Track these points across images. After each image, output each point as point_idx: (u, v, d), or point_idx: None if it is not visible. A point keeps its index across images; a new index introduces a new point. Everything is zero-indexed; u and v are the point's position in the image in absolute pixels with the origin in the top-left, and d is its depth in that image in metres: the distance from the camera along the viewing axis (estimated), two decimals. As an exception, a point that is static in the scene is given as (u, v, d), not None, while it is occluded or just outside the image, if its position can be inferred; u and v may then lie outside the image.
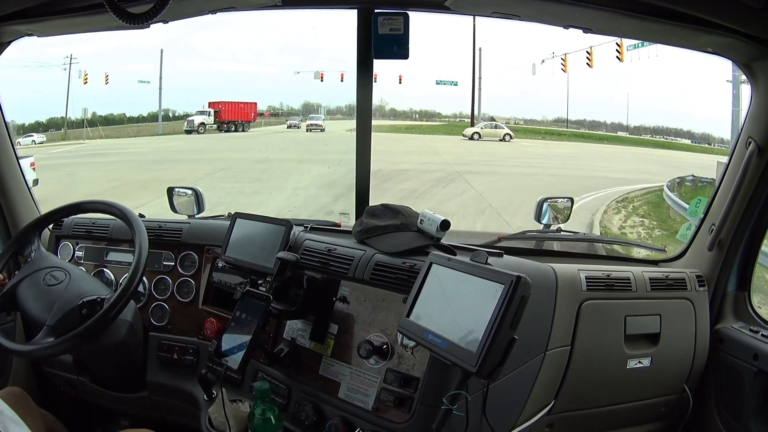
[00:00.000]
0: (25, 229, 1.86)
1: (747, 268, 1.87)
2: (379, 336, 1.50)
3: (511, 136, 21.98)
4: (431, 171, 13.77)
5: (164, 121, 24.47)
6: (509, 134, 22.05)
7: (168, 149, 18.15)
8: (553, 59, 19.61)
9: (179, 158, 15.99)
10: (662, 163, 15.79)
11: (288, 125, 25.18)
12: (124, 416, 2.14)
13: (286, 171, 13.70)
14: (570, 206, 2.25)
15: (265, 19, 48.32)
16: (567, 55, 18.51)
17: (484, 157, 17.37)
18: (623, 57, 14.67)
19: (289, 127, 24.79)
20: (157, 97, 22.52)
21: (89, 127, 20.86)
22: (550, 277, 1.58)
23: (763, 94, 1.67)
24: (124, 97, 27.42)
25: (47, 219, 1.91)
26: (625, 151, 19.89)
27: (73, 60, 18.96)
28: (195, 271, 2.01)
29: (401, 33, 1.88)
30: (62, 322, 1.60)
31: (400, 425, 1.41)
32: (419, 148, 19.47)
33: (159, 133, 23.31)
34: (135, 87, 24.17)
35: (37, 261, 1.78)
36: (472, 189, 11.82)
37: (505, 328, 1.10)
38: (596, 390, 1.68)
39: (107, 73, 20.19)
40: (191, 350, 1.93)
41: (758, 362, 1.69)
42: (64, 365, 1.98)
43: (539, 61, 20.63)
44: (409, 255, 1.57)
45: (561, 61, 18.65)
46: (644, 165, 16.03)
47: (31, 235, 1.84)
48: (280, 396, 1.61)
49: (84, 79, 19.25)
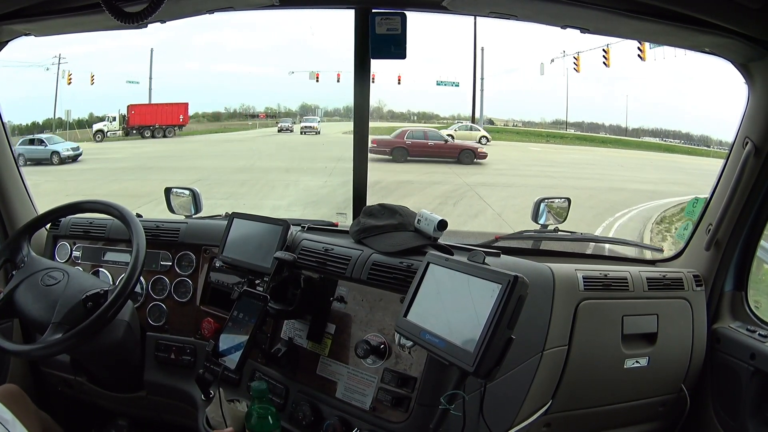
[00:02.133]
0: (15, 234, 1.82)
1: (744, 267, 1.88)
2: (376, 336, 1.50)
3: (488, 138, 20.09)
4: (437, 183, 12.12)
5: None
6: (486, 137, 20.14)
7: (147, 154, 16.30)
8: (564, 58, 19.08)
9: (156, 165, 14.14)
10: (686, 171, 14.11)
11: (279, 128, 22.51)
12: (122, 416, 2.14)
13: (269, 183, 12.09)
14: (567, 206, 2.25)
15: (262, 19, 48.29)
16: (580, 54, 17.76)
17: (493, 163, 15.47)
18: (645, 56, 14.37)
19: (280, 131, 22.28)
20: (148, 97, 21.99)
21: (78, 129, 20.27)
22: (548, 276, 1.58)
23: (760, 94, 1.68)
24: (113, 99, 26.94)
25: (40, 221, 1.87)
26: (639, 156, 18.52)
27: (62, 60, 18.35)
28: (192, 271, 2.00)
29: (398, 33, 1.88)
30: (68, 317, 1.59)
31: (398, 425, 1.41)
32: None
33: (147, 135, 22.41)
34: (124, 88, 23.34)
35: (30, 265, 1.75)
36: (489, 207, 10.10)
37: (502, 328, 1.10)
38: (593, 390, 1.69)
39: (93, 73, 19.30)
40: (189, 350, 1.92)
41: (755, 361, 1.69)
42: (61, 365, 1.98)
43: (548, 61, 19.88)
44: (407, 255, 1.57)
45: (573, 60, 17.90)
46: (670, 174, 14.26)
47: (21, 241, 1.79)
48: (278, 396, 1.60)
49: (68, 80, 18.31)
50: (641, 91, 26.53)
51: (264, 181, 12.14)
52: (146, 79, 20.81)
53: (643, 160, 17.57)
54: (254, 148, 18.15)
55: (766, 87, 1.66)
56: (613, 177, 13.52)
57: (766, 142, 1.69)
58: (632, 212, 9.61)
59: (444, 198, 10.65)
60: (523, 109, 31.69)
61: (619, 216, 9.24)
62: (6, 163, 2.07)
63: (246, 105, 25.26)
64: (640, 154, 19.32)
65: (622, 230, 8.41)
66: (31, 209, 2.17)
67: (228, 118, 25.48)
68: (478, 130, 20.18)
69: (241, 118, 24.82)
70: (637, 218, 9.20)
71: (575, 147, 21.40)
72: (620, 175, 13.95)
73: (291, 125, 22.24)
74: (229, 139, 20.66)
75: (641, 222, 8.88)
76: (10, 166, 2.09)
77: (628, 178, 13.10)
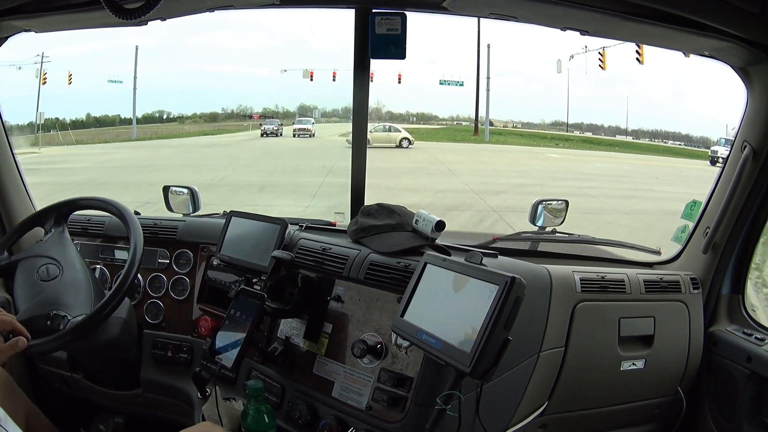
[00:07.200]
0: (12, 231, 1.89)
1: (741, 271, 1.88)
2: (373, 335, 1.50)
3: (410, 141, 17.93)
4: (455, 208, 9.41)
5: (160, 123, 23.82)
6: (407, 138, 17.98)
7: (113, 163, 14.93)
8: (586, 53, 18.19)
9: (112, 180, 12.19)
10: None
11: (262, 132, 19.35)
12: (118, 414, 2.14)
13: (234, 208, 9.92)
14: (565, 208, 2.25)
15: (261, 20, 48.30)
16: (605, 50, 16.44)
17: (514, 176, 13.05)
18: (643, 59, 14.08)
19: (264, 135, 19.15)
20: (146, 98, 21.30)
21: (60, 131, 19.52)
22: (545, 278, 1.58)
23: (758, 98, 1.68)
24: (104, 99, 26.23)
25: (36, 219, 1.89)
26: (664, 164, 17.06)
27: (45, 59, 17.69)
28: (190, 269, 2.00)
29: (398, 33, 1.88)
30: (27, 324, 1.52)
31: (394, 425, 1.41)
32: (427, 164, 15.50)
33: (133, 138, 20.91)
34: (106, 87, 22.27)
35: (46, 245, 1.78)
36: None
37: (499, 329, 1.10)
38: (590, 391, 1.69)
39: (70, 72, 18.55)
40: (185, 348, 1.92)
41: (751, 365, 1.70)
42: (58, 362, 1.98)
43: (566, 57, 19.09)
44: (404, 255, 1.57)
45: (599, 55, 16.72)
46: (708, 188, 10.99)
47: (17, 238, 1.86)
48: (274, 395, 1.60)
49: (42, 80, 17.92)
50: (640, 91, 26.43)
51: (227, 205, 10.53)
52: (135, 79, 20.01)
53: (669, 168, 16.26)
54: (232, 155, 16.30)
55: (764, 91, 1.66)
56: (656, 194, 11.69)
57: (764, 145, 1.69)
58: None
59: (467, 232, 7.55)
60: (523, 110, 31.62)
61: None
62: (6, 163, 2.07)
63: (243, 106, 24.83)
64: (663, 161, 18.26)
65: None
66: (29, 205, 2.17)
67: (225, 118, 25.10)
68: (398, 131, 18.19)
69: (238, 119, 24.44)
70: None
71: (593, 153, 20.15)
72: (661, 191, 12.08)
73: (277, 128, 19.42)
74: (211, 144, 18.74)
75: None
76: (10, 166, 2.09)
77: (672, 196, 10.20)
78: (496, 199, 10.44)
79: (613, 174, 14.96)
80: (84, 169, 14.11)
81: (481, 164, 15.89)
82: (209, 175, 12.53)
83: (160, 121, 24.28)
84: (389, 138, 17.32)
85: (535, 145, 21.69)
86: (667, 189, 11.98)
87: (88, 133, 21.79)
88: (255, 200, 10.12)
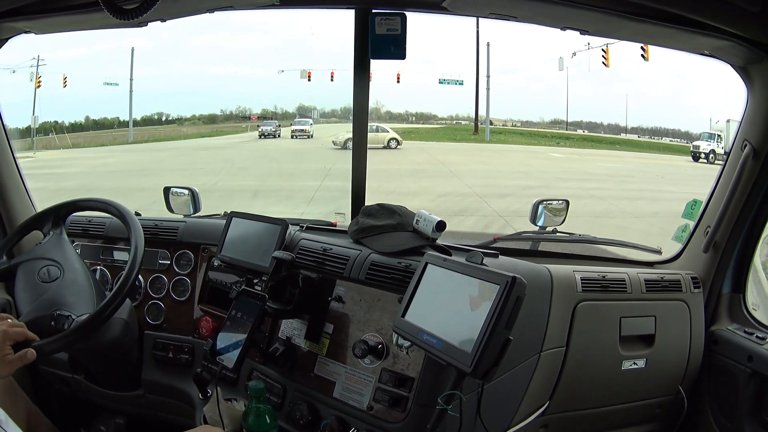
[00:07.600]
0: (14, 231, 1.89)
1: (742, 270, 1.88)
2: (374, 336, 1.50)
3: (399, 141, 17.66)
4: (459, 213, 9.06)
5: (158, 125, 23.62)
6: (396, 139, 17.64)
7: (108, 167, 14.41)
8: (589, 50, 18.08)
9: (102, 185, 11.67)
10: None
11: (260, 133, 19.08)
12: (119, 415, 2.13)
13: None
14: (565, 208, 2.25)
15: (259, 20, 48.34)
16: (609, 46, 16.35)
17: (518, 177, 12.65)
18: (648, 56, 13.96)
19: (261, 136, 18.95)
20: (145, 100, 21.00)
21: (57, 135, 19.25)
22: (546, 277, 1.58)
23: (759, 97, 1.68)
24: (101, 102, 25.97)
25: (38, 220, 1.89)
26: (668, 162, 16.62)
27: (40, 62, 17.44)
28: (191, 269, 2.00)
29: (398, 33, 1.88)
30: (32, 325, 1.54)
31: (395, 425, 1.41)
32: (427, 165, 15.13)
33: (129, 141, 20.60)
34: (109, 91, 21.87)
35: (46, 247, 1.78)
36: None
37: (500, 329, 1.10)
38: (591, 391, 1.69)
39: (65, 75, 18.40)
40: (186, 349, 1.92)
41: (753, 364, 1.70)
42: (59, 363, 1.97)
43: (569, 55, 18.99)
44: (405, 255, 1.57)
45: (602, 52, 16.64)
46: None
47: (19, 239, 1.86)
48: (275, 395, 1.60)
49: (37, 83, 17.67)
50: (639, 89, 26.38)
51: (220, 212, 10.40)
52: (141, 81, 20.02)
53: (673, 167, 15.92)
54: (227, 158, 15.96)
55: (765, 90, 1.66)
56: (665, 195, 11.27)
57: (764, 144, 1.69)
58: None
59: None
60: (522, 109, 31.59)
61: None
62: (6, 163, 2.07)
63: (242, 107, 24.61)
64: (667, 159, 18.07)
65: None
66: (31, 210, 2.17)
67: (224, 120, 24.88)
68: (386, 132, 17.79)
69: (236, 120, 24.24)
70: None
71: (596, 152, 19.95)
72: (669, 191, 11.60)
73: (275, 129, 19.16)
74: (206, 146, 18.35)
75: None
76: (10, 166, 2.09)
77: (680, 197, 9.17)
78: (501, 202, 10.15)
79: (619, 174, 14.74)
80: (75, 174, 13.91)
81: (483, 165, 15.66)
82: (203, 179, 12.17)
83: (159, 123, 24.17)
84: (377, 139, 16.96)
85: (536, 144, 21.52)
86: (675, 189, 11.63)
87: (86, 137, 21.54)
88: (248, 206, 8.78)
